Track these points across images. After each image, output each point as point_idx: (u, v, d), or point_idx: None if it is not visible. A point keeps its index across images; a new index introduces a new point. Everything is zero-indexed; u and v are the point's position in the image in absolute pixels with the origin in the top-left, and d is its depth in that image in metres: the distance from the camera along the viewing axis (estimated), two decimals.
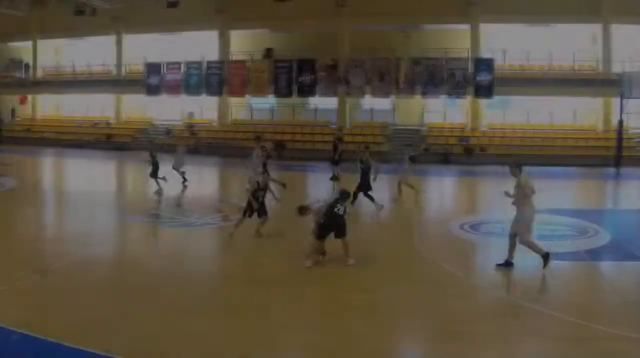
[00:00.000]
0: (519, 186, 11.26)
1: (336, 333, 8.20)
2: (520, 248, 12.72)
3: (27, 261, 11.05)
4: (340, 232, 11.37)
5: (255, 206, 13.16)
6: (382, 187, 20.13)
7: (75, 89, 40.79)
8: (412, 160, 20.33)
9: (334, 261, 11.36)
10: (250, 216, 13.18)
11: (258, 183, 13.47)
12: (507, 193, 11.45)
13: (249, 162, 16.93)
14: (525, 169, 11.42)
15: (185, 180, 20.96)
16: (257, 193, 13.22)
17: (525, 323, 8.66)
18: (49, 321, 8.09)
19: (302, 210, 11.44)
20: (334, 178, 23.34)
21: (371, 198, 16.96)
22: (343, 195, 11.64)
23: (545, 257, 11.12)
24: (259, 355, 7.48)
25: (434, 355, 7.86)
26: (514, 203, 11.39)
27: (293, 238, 13.17)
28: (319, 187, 23.71)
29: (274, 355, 7.52)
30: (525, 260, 12.28)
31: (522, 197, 11.29)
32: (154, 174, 19.87)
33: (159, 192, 19.56)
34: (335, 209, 11.27)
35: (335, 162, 23.79)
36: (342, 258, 11.24)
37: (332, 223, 11.28)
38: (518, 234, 11.35)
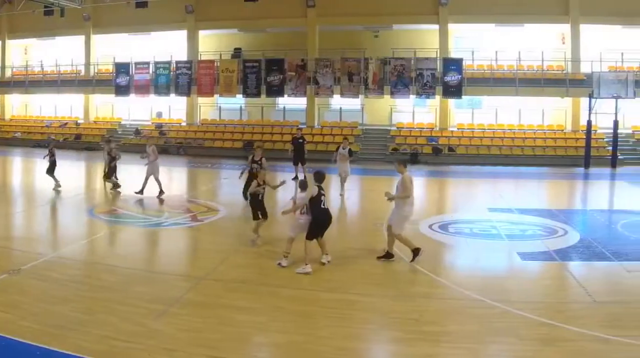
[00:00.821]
0: (402, 182, 11.60)
1: (305, 333, 8.19)
2: (488, 250, 12.96)
3: None
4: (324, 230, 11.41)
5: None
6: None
7: (45, 89, 40.28)
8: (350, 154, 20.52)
9: (303, 261, 11.31)
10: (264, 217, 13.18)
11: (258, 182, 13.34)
12: (387, 194, 11.76)
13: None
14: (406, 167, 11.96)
15: (162, 191, 19.10)
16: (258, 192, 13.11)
17: (496, 323, 8.66)
18: (20, 322, 8.10)
19: (303, 184, 11.52)
20: (297, 178, 23.23)
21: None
22: (319, 176, 11.39)
23: (415, 251, 11.53)
24: (228, 353, 7.50)
25: (403, 355, 7.79)
26: (389, 198, 11.72)
27: (266, 239, 13.17)
28: (289, 187, 23.53)
29: (243, 354, 7.59)
30: (495, 260, 12.48)
31: (403, 193, 11.61)
32: (51, 171, 19.79)
33: (57, 189, 19.52)
34: (322, 205, 11.19)
35: (295, 162, 23.71)
36: (313, 259, 11.22)
37: (324, 218, 11.29)
38: (392, 227, 11.65)
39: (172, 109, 37.81)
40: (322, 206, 11.18)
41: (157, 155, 19.42)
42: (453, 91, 32.75)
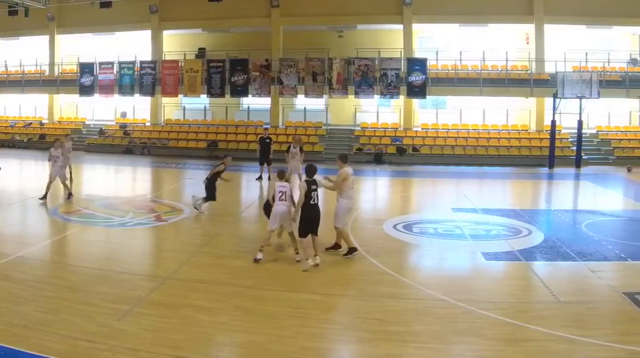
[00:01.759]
0: (339, 176, 11.86)
1: (268, 333, 8.22)
2: (452, 250, 13.06)
3: None
4: (316, 227, 11.47)
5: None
6: None
7: (9, 89, 39.79)
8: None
9: (270, 260, 11.59)
10: None
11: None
12: (318, 182, 11.80)
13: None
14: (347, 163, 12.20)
15: (70, 195, 18.27)
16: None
17: (460, 323, 8.67)
18: None
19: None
20: (261, 178, 23.59)
21: None
22: (310, 171, 11.60)
23: (351, 250, 11.87)
24: (191, 352, 7.55)
25: (367, 355, 7.77)
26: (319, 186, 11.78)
27: (230, 240, 13.42)
28: (253, 187, 23.70)
29: (206, 353, 7.64)
30: (459, 261, 12.50)
31: (340, 188, 11.87)
32: None
33: None
34: (312, 201, 11.25)
35: (262, 162, 23.67)
36: (281, 258, 11.66)
37: (311, 215, 11.35)
38: (334, 220, 11.90)
39: (137, 108, 37.49)
40: (311, 202, 11.23)
41: (68, 156, 18.90)
42: (417, 91, 32.66)
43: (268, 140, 23.89)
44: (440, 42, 35.28)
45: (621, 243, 13.96)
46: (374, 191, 24.12)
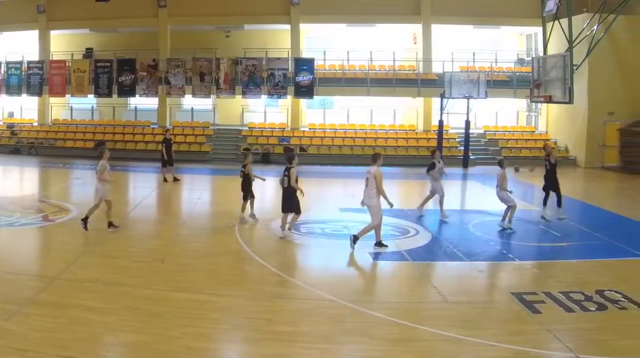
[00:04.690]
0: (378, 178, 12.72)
1: (155, 333, 8.19)
2: (340, 250, 13.21)
3: None
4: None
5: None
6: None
7: None
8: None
9: (159, 260, 11.75)
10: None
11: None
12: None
13: None
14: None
15: None
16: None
17: (348, 323, 8.69)
18: None
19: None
20: (166, 180, 23.40)
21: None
22: (289, 156, 14.30)
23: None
24: (79, 353, 7.49)
25: (255, 355, 7.76)
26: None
27: (118, 240, 13.45)
28: (142, 186, 23.86)
29: (94, 353, 7.60)
30: (347, 261, 12.53)
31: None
32: None
33: None
34: (280, 180, 13.09)
35: (164, 164, 23.43)
36: (170, 258, 11.97)
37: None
38: None
39: (24, 108, 36.89)
40: (281, 182, 14.23)
41: None
42: (305, 91, 32.63)
43: (171, 141, 23.88)
44: (328, 42, 35.41)
45: (508, 243, 14.21)
46: (261, 191, 23.87)
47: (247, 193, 15.91)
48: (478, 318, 9.05)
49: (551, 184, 16.61)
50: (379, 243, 12.92)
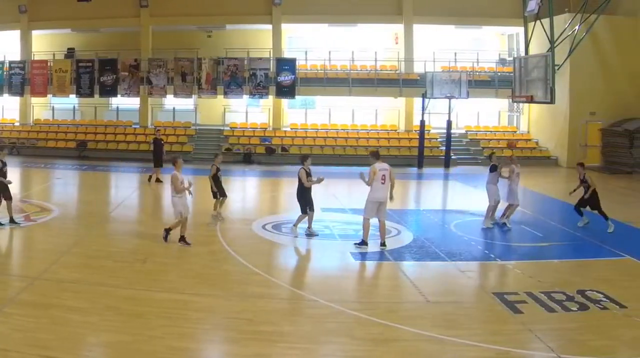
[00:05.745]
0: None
1: (137, 333, 8.18)
2: (321, 250, 13.44)
3: None
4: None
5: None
6: None
7: None
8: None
9: (140, 261, 11.75)
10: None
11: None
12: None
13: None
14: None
15: None
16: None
17: (329, 323, 8.69)
18: None
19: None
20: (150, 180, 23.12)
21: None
22: (301, 157, 14.87)
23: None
24: (60, 352, 7.46)
25: (236, 355, 7.73)
26: None
27: (99, 240, 13.48)
28: (124, 186, 23.90)
29: (75, 353, 7.58)
30: (328, 261, 12.62)
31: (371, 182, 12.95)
32: None
33: None
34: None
35: (157, 164, 23.20)
36: (151, 258, 12.04)
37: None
38: None
39: (6, 108, 36.57)
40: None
41: None
42: (286, 91, 32.68)
43: (162, 142, 23.75)
44: (310, 42, 35.46)
45: (490, 243, 14.28)
46: (242, 191, 24.04)
47: (217, 192, 16.08)
48: (460, 318, 9.10)
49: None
50: (363, 242, 12.97)
